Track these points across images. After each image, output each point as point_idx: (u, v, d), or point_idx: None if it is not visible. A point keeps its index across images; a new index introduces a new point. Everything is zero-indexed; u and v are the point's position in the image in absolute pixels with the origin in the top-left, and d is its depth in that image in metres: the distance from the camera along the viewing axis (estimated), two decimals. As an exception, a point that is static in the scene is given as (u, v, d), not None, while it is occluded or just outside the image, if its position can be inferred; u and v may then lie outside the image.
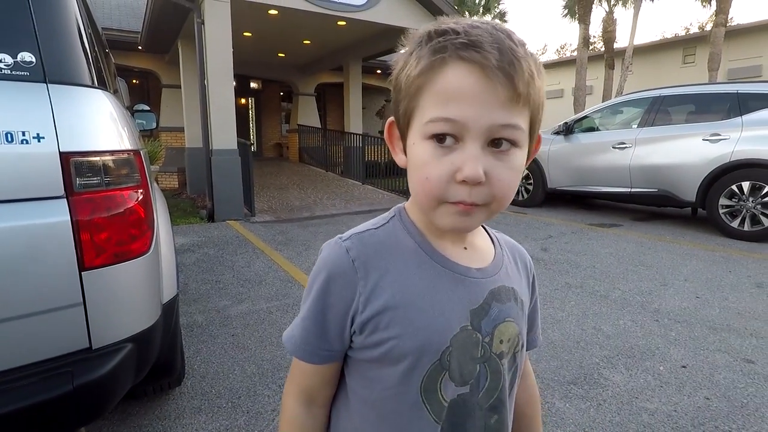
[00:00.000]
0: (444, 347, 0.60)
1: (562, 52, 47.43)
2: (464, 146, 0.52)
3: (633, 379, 2.31)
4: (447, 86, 0.52)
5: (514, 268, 0.72)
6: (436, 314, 0.60)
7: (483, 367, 0.63)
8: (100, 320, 1.36)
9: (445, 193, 0.54)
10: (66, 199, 1.27)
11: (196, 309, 3.23)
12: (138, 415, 2.03)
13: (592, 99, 18.30)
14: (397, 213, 0.68)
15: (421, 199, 0.58)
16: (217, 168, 6.49)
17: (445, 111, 0.52)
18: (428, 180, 0.55)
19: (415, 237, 0.64)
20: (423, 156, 0.55)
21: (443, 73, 0.52)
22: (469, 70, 0.50)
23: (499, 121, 0.51)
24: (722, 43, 14.81)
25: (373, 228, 0.66)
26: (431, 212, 0.58)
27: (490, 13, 20.34)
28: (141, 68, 11.00)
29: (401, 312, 0.60)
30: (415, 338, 0.59)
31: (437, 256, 0.63)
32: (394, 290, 0.60)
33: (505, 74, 0.50)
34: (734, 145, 5.11)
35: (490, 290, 0.64)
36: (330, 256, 0.63)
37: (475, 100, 0.51)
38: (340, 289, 0.61)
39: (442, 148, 0.53)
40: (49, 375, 1.26)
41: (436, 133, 0.53)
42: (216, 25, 6.31)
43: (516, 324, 0.66)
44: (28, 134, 1.20)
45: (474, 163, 0.51)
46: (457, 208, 0.55)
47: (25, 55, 1.23)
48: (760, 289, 3.57)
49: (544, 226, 5.97)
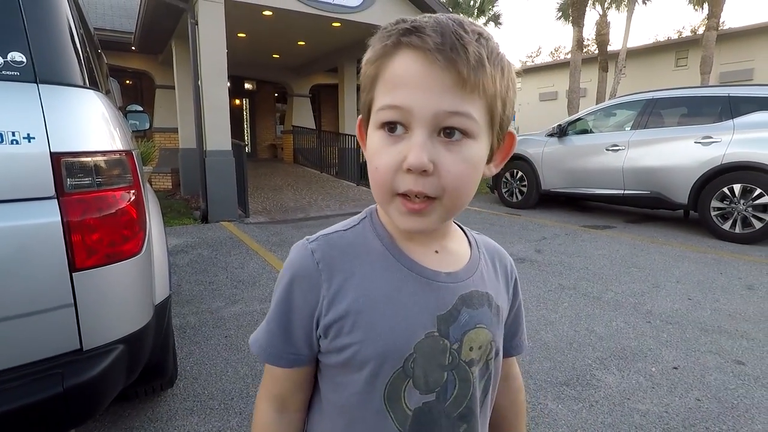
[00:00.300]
0: (407, 354, 0.58)
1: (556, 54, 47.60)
2: (412, 134, 0.51)
3: (625, 380, 2.32)
4: (394, 73, 0.52)
5: (492, 272, 0.70)
6: (399, 319, 0.58)
7: (451, 375, 0.61)
8: (91, 321, 1.35)
9: (393, 183, 0.53)
10: (57, 199, 1.26)
11: (189, 310, 3.21)
12: (129, 417, 2.02)
13: (585, 101, 18.39)
14: (369, 215, 0.66)
15: (375, 193, 0.57)
16: (211, 169, 6.47)
17: (392, 98, 0.51)
18: (377, 170, 0.54)
19: (384, 239, 0.63)
20: (374, 146, 0.55)
21: (391, 61, 0.52)
22: (413, 57, 0.50)
23: (445, 108, 0.50)
24: (714, 46, 14.94)
25: (343, 230, 0.65)
26: (387, 207, 0.56)
27: (484, 15, 20.42)
28: (134, 69, 10.95)
29: (364, 316, 0.58)
30: (377, 344, 0.58)
31: (404, 259, 0.61)
32: (357, 294, 0.59)
33: (446, 58, 0.48)
34: (726, 148, 5.15)
35: (461, 295, 0.62)
36: (295, 258, 0.62)
37: (419, 86, 0.50)
38: (304, 291, 0.60)
39: (392, 137, 0.53)
40: (39, 377, 1.25)
41: (385, 121, 0.52)
42: (210, 25, 6.29)
43: (488, 330, 0.64)
44: (18, 134, 1.20)
45: (418, 151, 0.50)
46: (405, 208, 0.54)
47: (15, 55, 1.22)
48: (751, 291, 3.60)
49: (537, 228, 5.99)
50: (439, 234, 0.65)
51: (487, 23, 20.83)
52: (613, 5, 18.51)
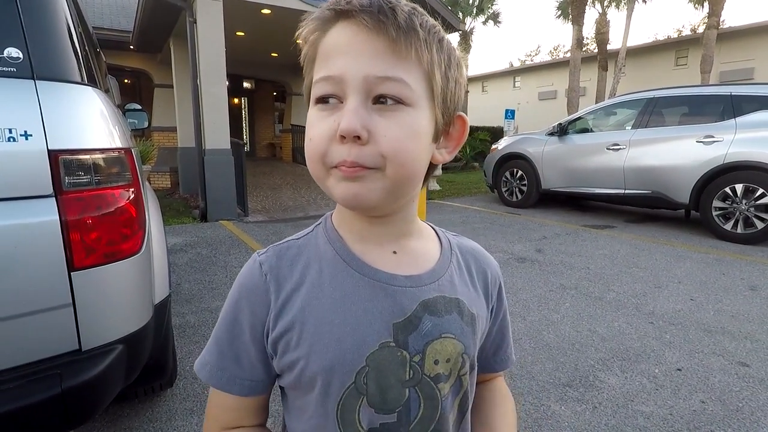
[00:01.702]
0: (358, 367, 0.53)
1: (555, 53, 47.62)
2: (346, 103, 0.49)
3: (628, 381, 2.31)
4: (327, 47, 0.50)
5: (465, 276, 0.63)
6: (348, 329, 0.53)
7: (414, 392, 0.55)
8: (90, 321, 1.33)
9: (327, 154, 0.49)
10: (55, 198, 1.24)
11: (189, 309, 3.19)
12: (129, 417, 2.00)
13: (585, 100, 18.40)
14: (323, 221, 0.62)
15: (311, 167, 0.53)
16: (210, 168, 6.44)
17: (325, 70, 0.50)
18: (311, 141, 0.51)
19: (335, 243, 0.58)
20: (310, 120, 0.52)
21: (325, 36, 0.50)
22: (343, 25, 0.49)
23: (376, 73, 0.47)
24: (714, 45, 14.94)
25: (295, 239, 0.61)
26: (324, 183, 0.52)
27: (483, 14, 20.40)
28: (133, 68, 10.91)
29: (309, 327, 0.54)
30: (325, 357, 0.53)
31: (356, 262, 0.56)
32: (303, 303, 0.55)
33: (374, 20, 0.47)
34: (728, 148, 5.13)
35: (422, 301, 0.56)
36: (244, 273, 0.59)
37: (349, 52, 0.48)
38: (253, 306, 0.56)
39: (326, 109, 0.50)
40: (37, 377, 1.24)
41: (320, 95, 0.50)
42: (208, 24, 6.26)
43: (459, 341, 0.57)
44: (15, 132, 1.17)
45: (350, 116, 0.47)
46: (341, 173, 0.49)
47: (12, 51, 1.20)
48: (754, 292, 3.58)
49: (538, 227, 5.97)
50: (397, 232, 0.59)
51: (486, 22, 20.83)
52: (612, 4, 18.51)
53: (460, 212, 7.14)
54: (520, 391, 2.22)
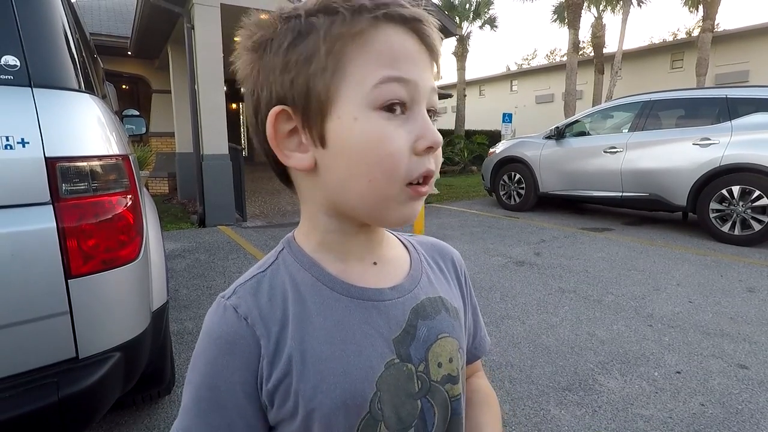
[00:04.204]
0: (371, 394, 0.49)
1: (552, 57, 47.79)
2: (416, 113, 0.46)
3: (628, 385, 2.30)
4: (391, 47, 0.45)
5: (437, 272, 0.62)
6: (352, 358, 0.49)
7: (426, 402, 0.53)
8: (87, 329, 1.32)
9: (407, 170, 0.45)
10: (52, 205, 1.24)
11: (187, 315, 3.18)
12: (126, 425, 1.99)
13: (582, 104, 18.48)
14: (286, 245, 0.56)
15: (379, 188, 0.46)
16: (208, 173, 6.44)
17: (396, 71, 0.44)
18: (392, 156, 0.44)
19: (312, 269, 0.52)
20: (375, 130, 0.44)
21: (380, 33, 0.45)
22: (407, 32, 0.46)
23: (434, 84, 0.48)
24: (710, 48, 15.03)
25: (260, 272, 0.53)
26: (388, 203, 0.47)
27: (480, 19, 20.42)
28: (131, 74, 10.93)
29: (309, 367, 0.48)
30: (334, 393, 0.48)
31: (339, 285, 0.52)
32: (295, 342, 0.48)
33: (431, 36, 0.47)
34: (724, 150, 5.15)
35: (412, 308, 0.54)
36: (214, 324, 0.50)
37: (418, 62, 0.46)
38: (240, 359, 0.48)
39: (396, 119, 0.45)
40: (34, 386, 1.23)
41: (392, 99, 0.44)
42: (206, 30, 6.26)
43: (453, 338, 0.57)
44: (12, 139, 1.17)
45: (433, 128, 0.47)
46: (415, 193, 0.47)
47: (9, 59, 1.20)
48: (752, 294, 3.59)
49: (536, 231, 5.98)
50: (377, 241, 0.56)
51: (483, 26, 20.86)
52: (608, 7, 18.59)
53: (458, 216, 7.14)
54: (520, 395, 2.21)
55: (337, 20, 0.44)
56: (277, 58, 0.47)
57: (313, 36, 0.45)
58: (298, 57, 0.46)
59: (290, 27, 0.46)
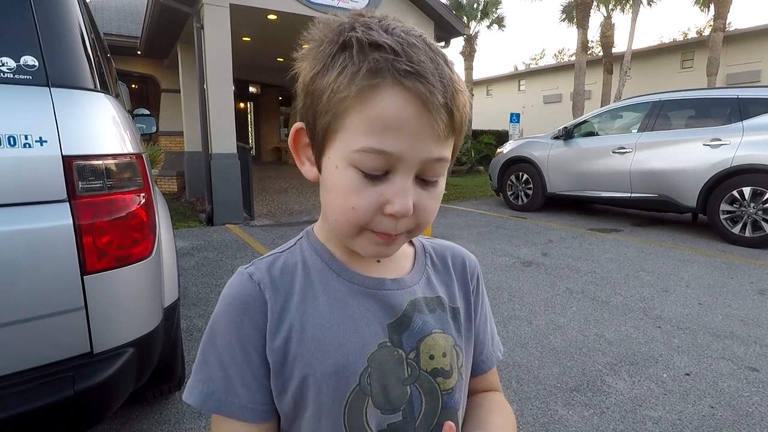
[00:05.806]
0: (362, 368, 0.54)
1: (560, 56, 47.59)
2: (395, 179, 0.48)
3: (636, 386, 2.30)
4: (384, 114, 0.45)
5: (443, 273, 0.66)
6: (347, 333, 0.54)
7: (415, 389, 0.56)
8: (102, 325, 1.35)
9: (370, 223, 0.50)
10: (68, 203, 1.26)
11: (196, 313, 3.21)
12: (138, 419, 2.01)
13: (590, 104, 18.38)
14: (305, 235, 0.63)
15: (340, 226, 0.52)
16: (217, 172, 6.47)
17: (379, 142, 0.46)
18: (354, 210, 0.49)
19: (323, 255, 0.59)
20: (347, 184, 0.49)
21: (379, 97, 0.45)
22: (409, 100, 0.45)
23: (433, 155, 0.48)
24: (720, 48, 14.89)
25: (279, 252, 0.61)
26: (350, 240, 0.53)
27: (488, 18, 20.36)
28: (140, 73, 11.01)
29: (308, 335, 0.54)
30: (327, 362, 0.53)
31: (346, 272, 0.58)
32: (299, 312, 0.55)
33: (447, 110, 0.46)
34: (735, 151, 5.11)
35: (410, 301, 0.59)
36: (234, 287, 0.57)
37: (412, 133, 0.46)
38: (253, 320, 0.54)
39: (369, 178, 0.48)
40: (50, 380, 1.25)
41: (366, 168, 0.47)
42: (215, 30, 6.30)
43: (449, 335, 0.60)
44: (30, 138, 1.20)
45: (405, 198, 0.48)
46: (378, 238, 0.51)
47: (28, 59, 1.22)
48: (763, 296, 3.56)
49: (544, 231, 5.96)
50: None
51: (491, 26, 20.80)
52: (617, 7, 18.47)
53: (466, 216, 7.14)
54: (527, 395, 2.21)
55: (358, 72, 0.45)
56: (306, 79, 0.51)
57: (329, 76, 0.47)
58: (315, 89, 0.49)
59: (323, 53, 0.49)
